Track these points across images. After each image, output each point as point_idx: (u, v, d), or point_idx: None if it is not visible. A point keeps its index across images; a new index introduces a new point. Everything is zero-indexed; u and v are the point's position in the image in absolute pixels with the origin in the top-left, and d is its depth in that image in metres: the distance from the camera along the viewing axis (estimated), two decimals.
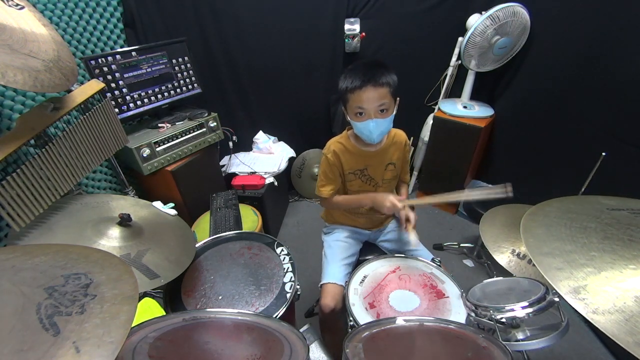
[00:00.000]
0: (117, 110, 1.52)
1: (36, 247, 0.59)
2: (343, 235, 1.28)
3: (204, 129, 1.76)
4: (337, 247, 1.24)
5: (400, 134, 1.21)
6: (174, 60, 1.72)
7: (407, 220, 1.10)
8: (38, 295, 0.46)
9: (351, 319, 0.92)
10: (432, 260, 1.10)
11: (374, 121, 1.01)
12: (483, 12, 1.70)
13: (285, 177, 2.35)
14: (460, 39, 1.91)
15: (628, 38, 1.32)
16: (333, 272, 1.15)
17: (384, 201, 1.07)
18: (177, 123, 1.71)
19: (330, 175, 1.18)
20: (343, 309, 1.11)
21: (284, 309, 0.92)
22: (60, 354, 0.40)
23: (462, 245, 1.97)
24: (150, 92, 1.66)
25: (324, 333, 1.18)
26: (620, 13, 1.34)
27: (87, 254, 0.59)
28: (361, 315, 0.91)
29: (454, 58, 2.00)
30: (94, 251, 0.61)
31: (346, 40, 1.95)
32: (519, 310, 0.77)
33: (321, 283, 1.15)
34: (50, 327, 0.42)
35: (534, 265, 0.89)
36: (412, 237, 1.10)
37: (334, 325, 1.15)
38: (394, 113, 1.05)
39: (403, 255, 1.13)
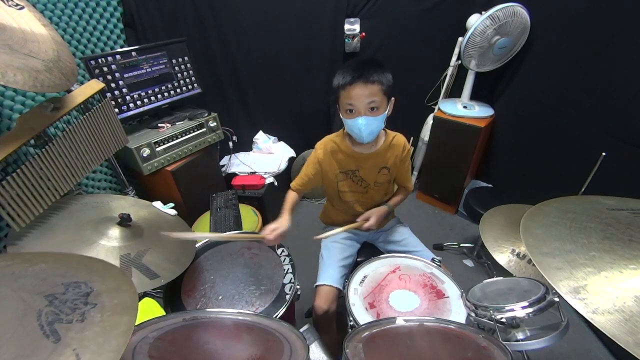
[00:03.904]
0: (117, 110, 1.52)
1: (36, 254, 0.59)
2: (340, 237, 1.28)
3: (204, 129, 1.76)
4: (334, 248, 1.24)
5: (399, 138, 1.19)
6: (174, 60, 1.72)
7: (366, 219, 1.17)
8: (38, 302, 0.46)
9: (351, 319, 0.92)
10: (432, 260, 1.10)
11: (363, 118, 1.00)
12: (483, 12, 1.70)
13: (285, 177, 2.35)
14: (460, 39, 1.91)
15: (628, 38, 1.32)
16: (328, 274, 1.15)
17: (274, 223, 1.05)
18: (177, 123, 1.71)
19: (310, 171, 1.19)
20: (337, 311, 1.12)
21: (284, 309, 0.92)
22: None
23: (462, 245, 1.96)
24: (150, 92, 1.66)
25: (321, 333, 1.18)
26: (620, 13, 1.34)
27: (87, 263, 0.60)
28: (361, 315, 0.91)
29: (454, 58, 2.00)
30: (94, 260, 0.61)
31: (346, 40, 1.95)
32: (519, 310, 0.77)
33: (316, 284, 1.15)
34: (51, 333, 0.42)
35: (534, 265, 0.89)
36: (339, 229, 1.12)
37: (327, 326, 1.15)
38: (387, 112, 1.05)
39: (403, 255, 1.13)
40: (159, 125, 1.67)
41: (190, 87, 1.83)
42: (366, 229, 1.18)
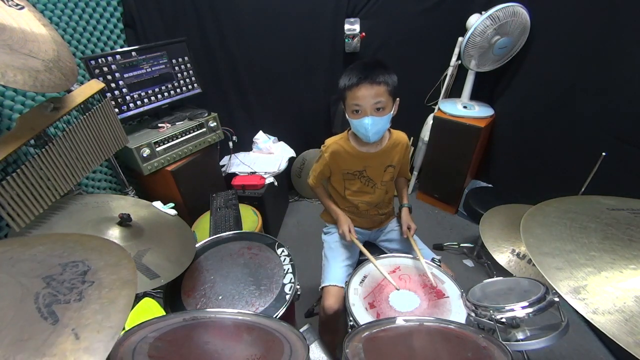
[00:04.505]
0: (117, 110, 1.52)
1: (34, 238, 0.59)
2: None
3: (204, 129, 1.76)
4: (337, 248, 1.24)
5: (402, 137, 1.21)
6: (174, 60, 1.71)
7: (408, 228, 1.19)
8: (36, 285, 0.46)
9: (351, 319, 0.92)
10: (432, 260, 1.11)
11: (369, 118, 1.02)
12: (483, 12, 1.70)
13: (285, 177, 2.35)
14: (460, 39, 1.91)
15: (628, 38, 1.32)
16: (334, 274, 1.15)
17: (342, 226, 1.19)
18: (177, 123, 1.71)
19: (320, 170, 1.24)
20: (342, 311, 1.12)
21: (284, 309, 0.92)
22: (60, 341, 0.40)
23: (462, 245, 1.96)
24: (150, 92, 1.66)
25: (323, 334, 1.18)
26: (620, 13, 1.34)
27: (85, 241, 0.59)
28: (361, 315, 0.91)
29: (454, 58, 2.00)
30: (91, 238, 0.61)
31: (346, 40, 1.95)
32: (519, 310, 0.77)
33: (322, 285, 1.15)
34: (49, 315, 0.42)
35: (534, 265, 0.89)
36: (412, 243, 1.15)
37: (333, 326, 1.15)
38: (392, 113, 1.06)
39: (403, 255, 1.13)
40: (159, 125, 1.66)
41: (190, 87, 1.83)
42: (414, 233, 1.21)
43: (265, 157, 2.19)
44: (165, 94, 1.73)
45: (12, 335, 0.39)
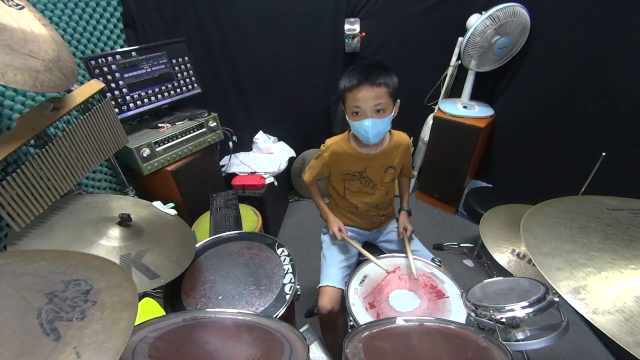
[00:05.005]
0: (117, 110, 1.52)
1: (35, 252, 0.59)
2: None
3: (204, 129, 1.76)
4: (336, 248, 1.24)
5: (403, 138, 1.21)
6: (174, 60, 1.71)
7: (404, 229, 1.21)
8: (38, 300, 0.45)
9: (351, 319, 0.92)
10: (432, 260, 1.10)
11: (369, 120, 1.01)
12: (483, 12, 1.70)
13: (285, 177, 2.35)
14: (460, 39, 1.91)
15: (628, 38, 1.32)
16: (331, 274, 1.15)
17: (332, 226, 1.21)
18: (177, 123, 1.71)
19: (318, 170, 1.23)
20: (341, 311, 1.12)
21: (284, 309, 0.92)
22: (61, 358, 0.40)
23: (462, 245, 1.96)
24: (150, 92, 1.66)
25: (324, 333, 1.18)
26: (620, 13, 1.34)
27: (87, 260, 0.59)
28: (361, 315, 0.91)
29: (454, 58, 2.00)
30: (93, 258, 0.61)
31: (346, 40, 1.95)
32: (519, 310, 0.77)
33: (319, 285, 1.15)
34: (51, 332, 0.42)
35: (534, 265, 0.89)
36: (405, 243, 1.17)
37: (332, 326, 1.15)
38: (393, 114, 1.06)
39: (403, 255, 1.13)
40: (159, 125, 1.66)
41: (190, 87, 1.83)
42: (410, 234, 1.23)
43: (265, 157, 2.19)
44: (165, 94, 1.73)
45: (14, 348, 0.39)
